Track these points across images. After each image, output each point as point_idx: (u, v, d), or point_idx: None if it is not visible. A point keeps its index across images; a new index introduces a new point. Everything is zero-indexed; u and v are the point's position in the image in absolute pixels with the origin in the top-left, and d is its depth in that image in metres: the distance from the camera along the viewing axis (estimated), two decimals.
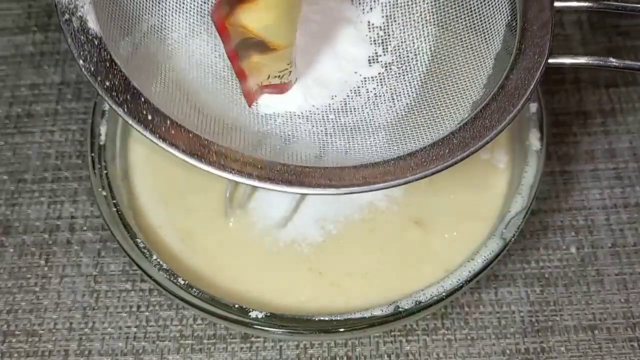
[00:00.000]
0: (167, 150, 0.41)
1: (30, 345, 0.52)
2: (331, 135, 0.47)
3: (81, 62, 0.42)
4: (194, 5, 0.49)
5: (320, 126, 0.47)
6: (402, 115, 0.48)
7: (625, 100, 0.61)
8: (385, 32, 0.51)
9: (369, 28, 0.51)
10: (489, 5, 0.49)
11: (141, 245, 0.49)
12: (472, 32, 0.49)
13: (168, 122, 0.42)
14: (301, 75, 0.49)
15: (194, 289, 0.47)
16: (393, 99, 0.49)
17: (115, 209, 0.50)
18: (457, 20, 0.50)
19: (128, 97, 0.41)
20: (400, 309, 0.47)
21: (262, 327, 0.47)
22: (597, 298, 0.53)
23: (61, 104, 0.62)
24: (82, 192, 0.58)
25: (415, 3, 0.51)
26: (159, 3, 0.49)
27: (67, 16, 0.43)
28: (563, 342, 0.51)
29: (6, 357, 0.52)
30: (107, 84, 0.41)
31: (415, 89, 0.49)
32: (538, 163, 0.51)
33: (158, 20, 0.48)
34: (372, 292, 0.50)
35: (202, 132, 0.42)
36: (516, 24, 0.47)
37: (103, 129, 0.53)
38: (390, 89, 0.49)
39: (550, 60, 0.45)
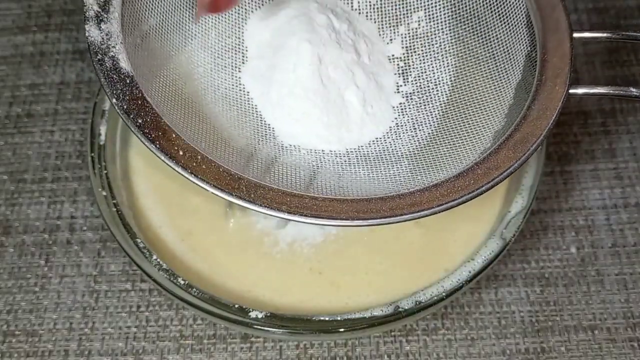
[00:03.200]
0: (200, 185, 0.42)
1: (30, 345, 0.52)
2: (354, 165, 0.48)
3: (114, 100, 0.43)
4: (218, 40, 0.51)
5: (344, 156, 0.48)
6: (424, 144, 0.49)
7: (626, 100, 0.61)
8: (405, 63, 0.52)
9: (390, 59, 0.52)
10: (508, 37, 0.50)
11: (141, 245, 0.49)
12: (492, 62, 0.50)
13: (199, 157, 0.42)
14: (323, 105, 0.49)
15: (194, 289, 0.47)
16: (415, 128, 0.50)
17: (115, 209, 0.50)
18: (477, 51, 0.51)
19: (160, 133, 0.43)
20: (400, 309, 0.47)
21: (262, 327, 0.47)
22: (597, 298, 0.53)
23: (61, 104, 0.62)
24: (82, 192, 0.58)
25: (435, 34, 0.52)
26: (185, 40, 0.50)
27: (99, 56, 0.44)
28: (563, 342, 0.51)
29: (6, 357, 0.52)
30: (140, 121, 0.43)
31: (437, 119, 0.50)
32: (538, 163, 0.51)
33: (185, 57, 0.50)
34: (372, 292, 0.50)
35: (230, 165, 0.43)
36: (536, 54, 0.47)
37: (103, 129, 0.53)
38: (412, 118, 0.50)
39: (571, 91, 0.46)
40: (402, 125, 0.50)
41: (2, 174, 0.59)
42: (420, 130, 0.49)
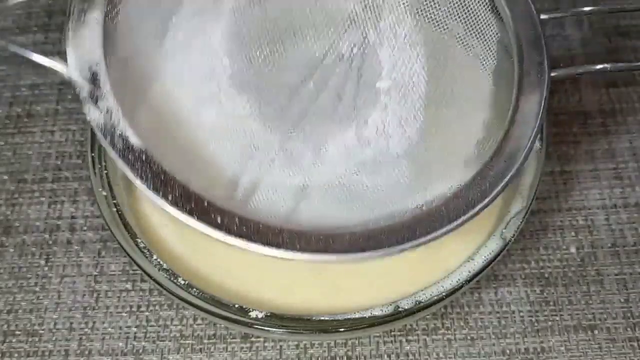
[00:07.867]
0: (249, 249, 0.41)
1: (30, 345, 0.52)
2: (357, 174, 0.47)
3: (138, 182, 0.41)
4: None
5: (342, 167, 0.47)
6: (416, 140, 0.48)
7: (625, 100, 0.61)
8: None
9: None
10: (472, 23, 0.50)
11: (141, 245, 0.49)
12: (462, 49, 0.50)
13: (236, 219, 0.41)
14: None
15: (194, 289, 0.47)
16: (402, 125, 0.49)
17: (115, 209, 0.50)
18: (444, 39, 0.51)
19: (193, 205, 0.41)
20: (400, 309, 0.47)
21: (262, 327, 0.47)
22: (597, 298, 0.53)
23: (61, 104, 0.62)
24: (82, 192, 0.58)
25: (398, 26, 0.51)
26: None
27: (109, 138, 0.42)
28: (563, 342, 0.51)
29: (6, 357, 0.52)
30: (170, 197, 0.41)
31: (421, 113, 0.49)
32: (538, 163, 0.51)
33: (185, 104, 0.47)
34: (372, 292, 0.50)
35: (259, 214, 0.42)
36: (509, 40, 0.48)
37: None
38: (396, 114, 0.49)
39: (552, 74, 0.47)
40: (388, 123, 0.49)
41: (3, 174, 0.59)
42: (408, 126, 0.49)
